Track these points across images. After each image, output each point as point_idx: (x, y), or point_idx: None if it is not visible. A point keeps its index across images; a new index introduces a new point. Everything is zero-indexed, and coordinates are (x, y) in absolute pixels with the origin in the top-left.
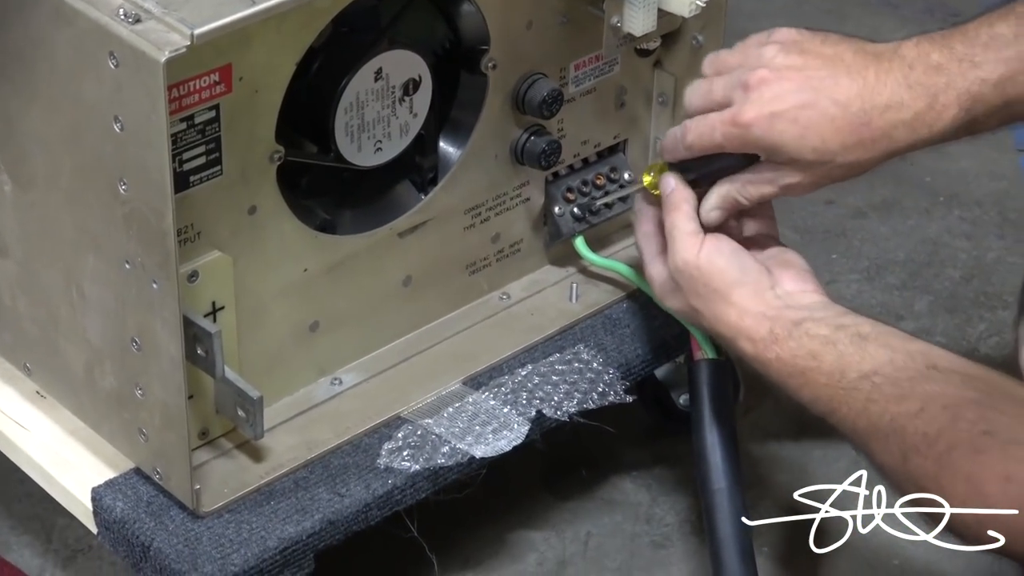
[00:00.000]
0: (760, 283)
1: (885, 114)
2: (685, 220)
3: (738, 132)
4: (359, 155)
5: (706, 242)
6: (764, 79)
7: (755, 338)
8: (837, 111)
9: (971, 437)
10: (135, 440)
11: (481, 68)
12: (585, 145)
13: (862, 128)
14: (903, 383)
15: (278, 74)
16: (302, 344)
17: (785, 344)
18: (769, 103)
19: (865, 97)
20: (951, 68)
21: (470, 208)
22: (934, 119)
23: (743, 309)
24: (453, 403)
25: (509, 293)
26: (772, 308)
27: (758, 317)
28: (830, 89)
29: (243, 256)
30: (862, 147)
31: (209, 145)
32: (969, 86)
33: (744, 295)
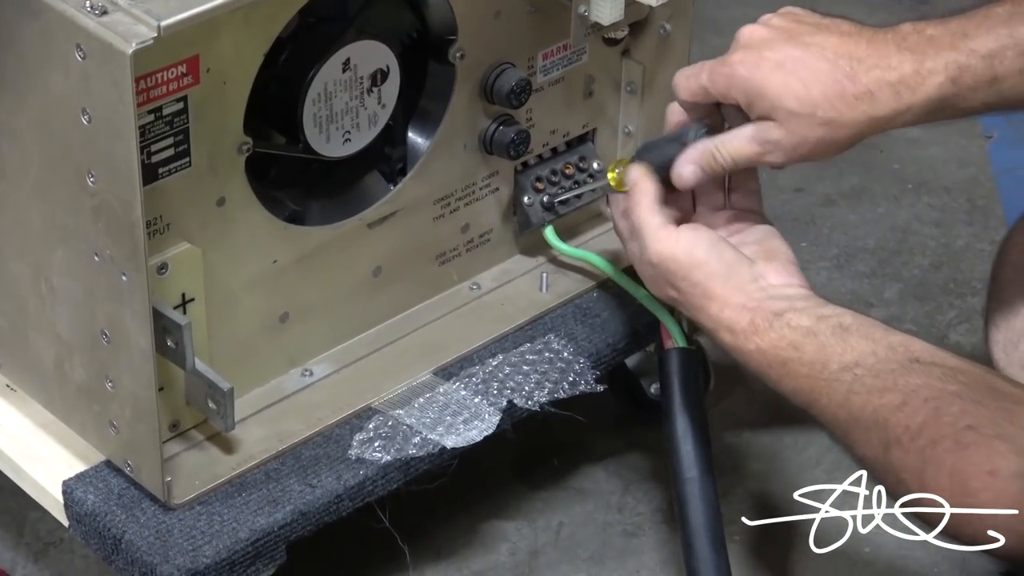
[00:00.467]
0: (741, 274)
1: (871, 72)
2: (649, 214)
3: (725, 71)
4: (328, 146)
5: (683, 233)
6: (755, 31)
7: (735, 329)
8: (824, 64)
9: (954, 431)
10: (106, 433)
11: (449, 58)
12: (554, 135)
13: (846, 81)
14: (885, 375)
15: (246, 65)
16: (272, 335)
17: (766, 335)
18: (757, 48)
19: (853, 55)
20: (943, 39)
21: (439, 198)
22: (919, 83)
23: (724, 301)
24: (424, 393)
25: (479, 283)
26: (753, 299)
27: (738, 308)
28: (820, 45)
29: (212, 248)
30: (844, 102)
31: (177, 137)
32: (957, 56)
33: (725, 287)
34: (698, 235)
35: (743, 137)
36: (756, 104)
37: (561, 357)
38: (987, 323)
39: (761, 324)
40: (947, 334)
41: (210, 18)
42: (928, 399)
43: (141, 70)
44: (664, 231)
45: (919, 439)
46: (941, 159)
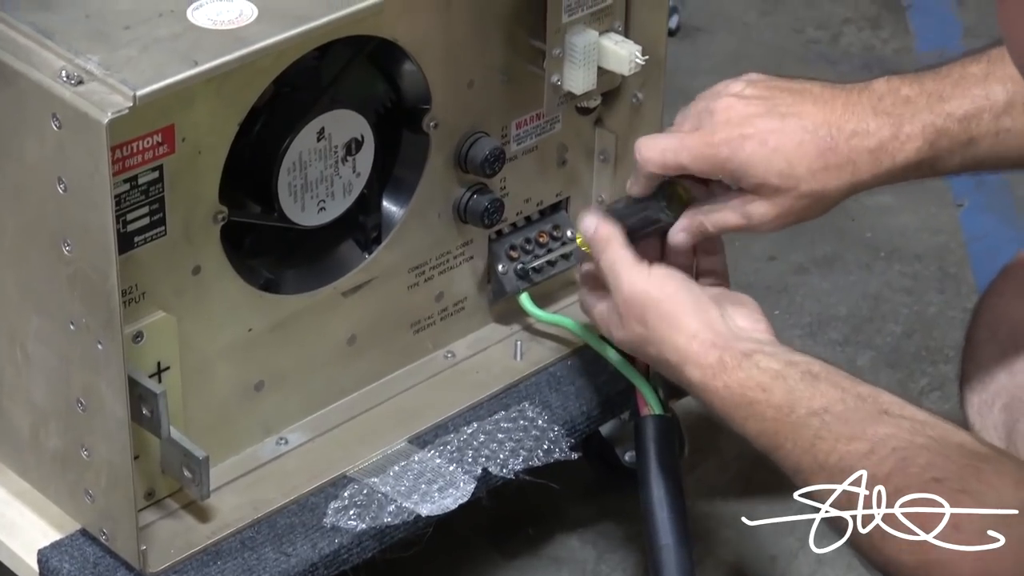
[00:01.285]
0: (711, 312)
1: (851, 140)
2: (621, 251)
3: (708, 153)
4: (302, 215)
5: (655, 269)
6: (731, 105)
7: (703, 364)
8: (804, 135)
9: (920, 482)
10: (81, 501)
11: (423, 127)
12: (528, 203)
13: (828, 153)
14: (854, 423)
15: (221, 134)
16: (247, 403)
17: (734, 374)
18: (738, 125)
19: (832, 123)
20: (919, 101)
21: (414, 267)
22: (897, 149)
23: (692, 334)
24: (399, 461)
25: (454, 351)
26: (722, 337)
27: (707, 344)
28: (797, 115)
29: (188, 316)
30: (827, 173)
31: (153, 206)
32: (935, 119)
33: (694, 321)
34: (670, 271)
35: (730, 209)
36: (741, 182)
37: (536, 425)
38: (962, 386)
39: (730, 362)
40: (920, 401)
41: (185, 87)
42: (896, 448)
43: (117, 139)
44: (637, 267)
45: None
46: (913, 227)
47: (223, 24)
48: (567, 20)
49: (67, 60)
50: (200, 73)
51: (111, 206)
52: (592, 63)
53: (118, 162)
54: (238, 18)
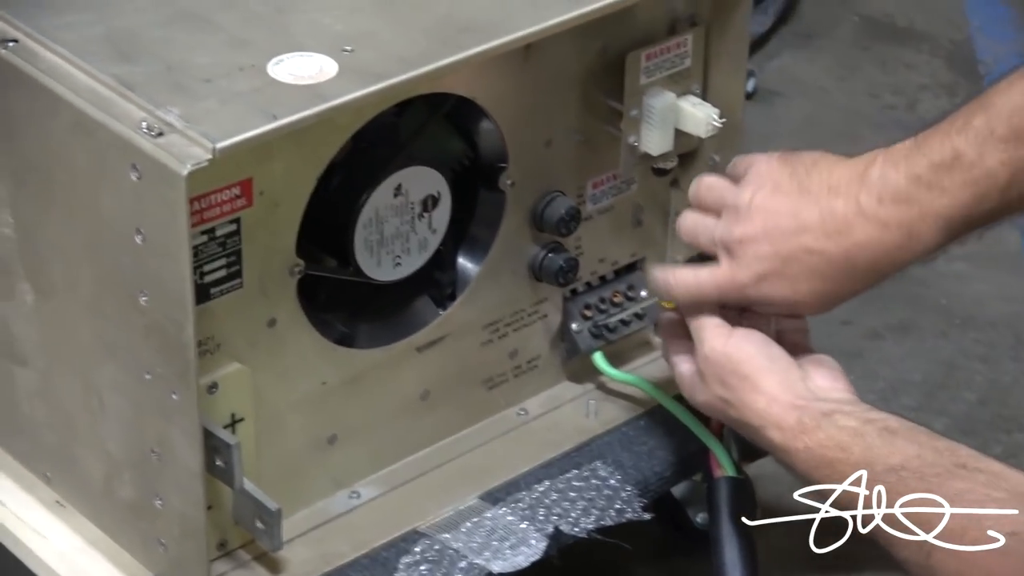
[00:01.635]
0: (790, 373)
1: (864, 253)
2: (708, 314)
3: (735, 292)
4: (378, 270)
5: (737, 331)
6: (743, 241)
7: (783, 427)
8: (820, 261)
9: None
10: (154, 550)
11: (500, 185)
12: (602, 263)
13: (849, 271)
14: (930, 478)
15: (298, 188)
16: (320, 456)
17: (814, 434)
18: (754, 264)
19: (842, 242)
20: (920, 196)
21: (488, 324)
22: (914, 246)
23: (772, 397)
24: (471, 518)
25: (527, 408)
26: (801, 398)
27: (787, 406)
28: (807, 242)
29: (262, 368)
30: (852, 283)
31: (230, 258)
32: (939, 210)
33: (773, 383)
34: (749, 333)
35: None
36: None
37: (608, 484)
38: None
39: (809, 423)
40: None
41: (264, 142)
42: (972, 503)
43: (195, 191)
44: (720, 328)
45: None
46: (987, 295)
47: (303, 79)
48: (645, 82)
49: (148, 112)
50: (279, 127)
51: (188, 257)
52: (669, 125)
53: (196, 214)
54: (318, 74)
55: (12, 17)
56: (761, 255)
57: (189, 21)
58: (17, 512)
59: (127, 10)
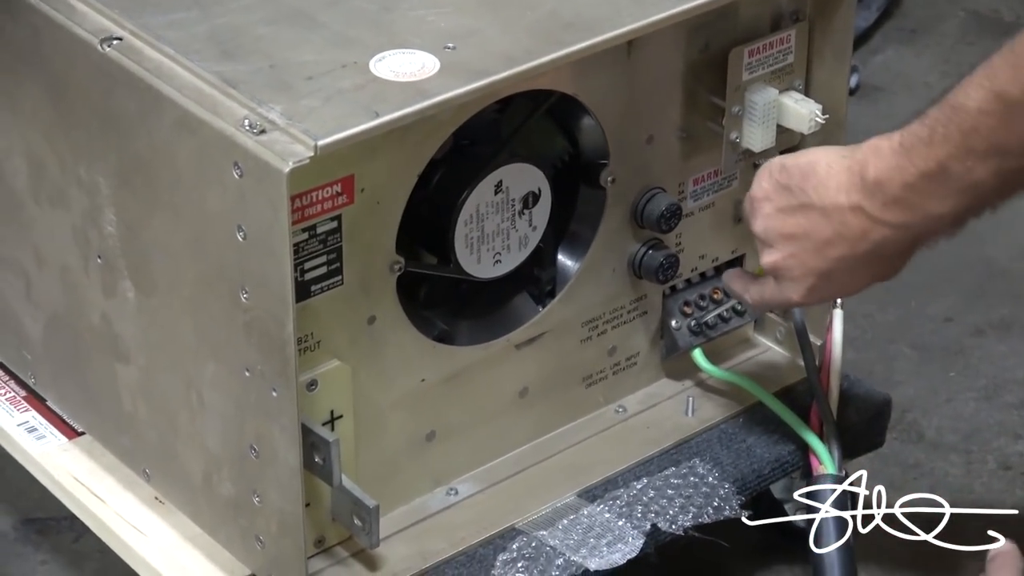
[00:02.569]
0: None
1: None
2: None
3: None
4: (478, 267)
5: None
6: (777, 268)
7: None
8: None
9: None
10: (252, 547)
11: (600, 182)
12: (703, 259)
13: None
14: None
15: (400, 186)
16: (418, 454)
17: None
18: (799, 284)
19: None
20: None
21: (587, 321)
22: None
23: None
24: (568, 515)
25: (625, 406)
26: None
27: None
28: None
29: (361, 365)
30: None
31: (330, 255)
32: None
33: None
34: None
35: None
36: None
37: (706, 482)
38: None
39: None
40: None
41: (365, 139)
42: None
43: (297, 188)
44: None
45: None
46: None
47: (405, 76)
48: (747, 78)
49: (250, 109)
50: (381, 125)
51: (289, 255)
52: (772, 121)
53: (297, 211)
54: (420, 71)
55: (117, 15)
56: (799, 276)
57: (293, 19)
58: (117, 509)
59: (231, 8)
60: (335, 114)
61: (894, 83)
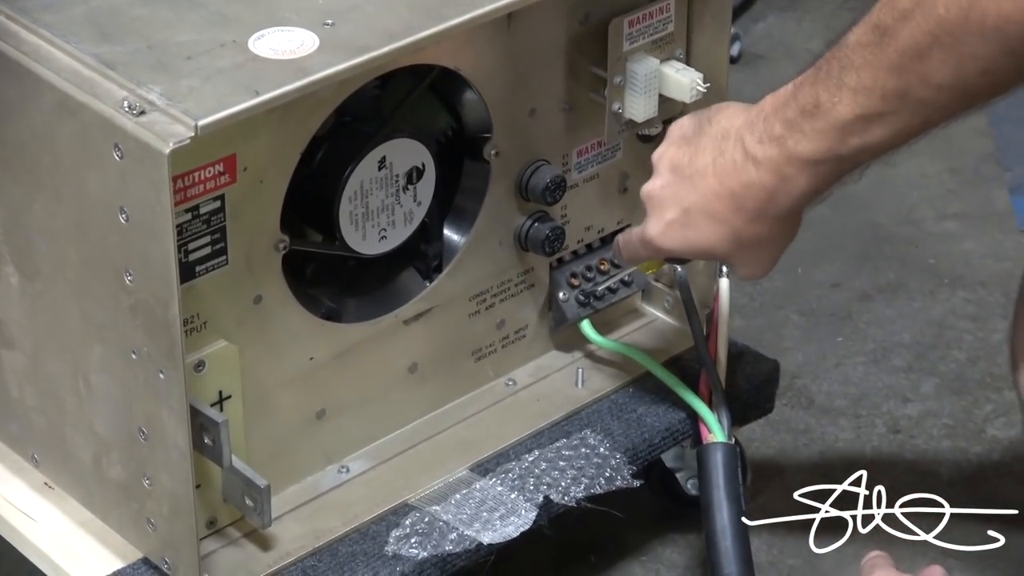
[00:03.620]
0: None
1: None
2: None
3: (652, 246)
4: (364, 243)
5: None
6: (651, 195)
7: None
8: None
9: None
10: (143, 530)
11: (484, 155)
12: (589, 231)
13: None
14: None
15: (282, 164)
16: (309, 432)
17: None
18: (663, 215)
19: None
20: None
21: (475, 295)
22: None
23: None
24: (460, 489)
25: (515, 379)
26: None
27: None
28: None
29: (249, 345)
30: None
31: (214, 235)
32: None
33: None
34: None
35: None
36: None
37: (597, 452)
38: (1013, 370)
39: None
40: (984, 428)
41: (247, 117)
42: None
43: (178, 169)
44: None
45: None
46: (977, 253)
47: (284, 54)
48: (628, 48)
49: (129, 91)
50: (261, 103)
51: (173, 236)
52: (653, 91)
53: (180, 192)
54: (299, 48)
55: None
56: (666, 206)
57: None
58: (6, 495)
59: None
60: (215, 93)
61: (776, 51)
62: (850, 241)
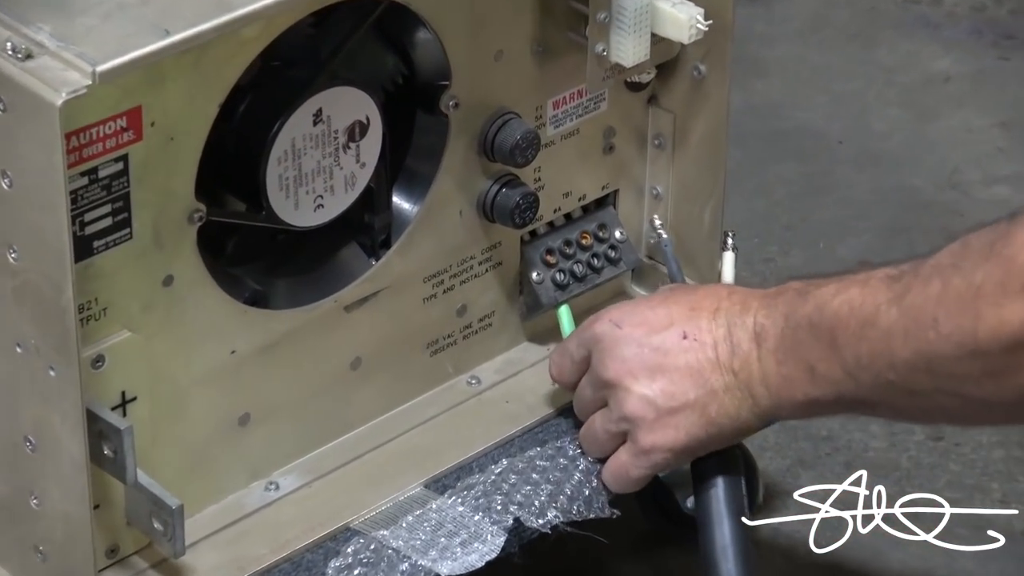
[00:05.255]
0: None
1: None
2: None
3: None
4: (296, 214)
5: None
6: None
7: None
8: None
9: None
10: (30, 560)
11: (441, 107)
12: (567, 198)
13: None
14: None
15: (197, 118)
16: (230, 441)
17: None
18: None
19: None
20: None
21: (430, 275)
22: None
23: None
24: (413, 510)
25: (479, 376)
26: None
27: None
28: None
29: (158, 336)
30: None
31: (116, 204)
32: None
33: None
34: None
35: None
36: None
37: (577, 466)
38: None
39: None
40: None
41: (154, 63)
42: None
43: (73, 124)
44: None
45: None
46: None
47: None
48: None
49: (13, 31)
50: (172, 45)
51: (66, 205)
52: (645, 29)
53: (74, 151)
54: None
55: None
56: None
57: None
58: None
59: None
60: (117, 34)
61: None
62: (881, 209)
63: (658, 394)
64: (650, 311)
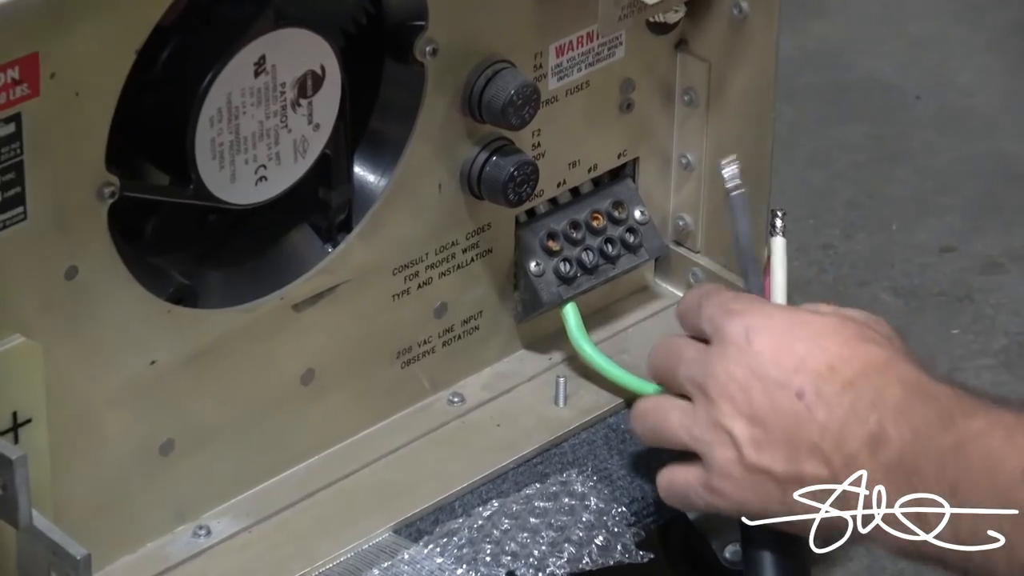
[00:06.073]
0: None
1: None
2: None
3: None
4: (232, 188)
5: None
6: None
7: None
8: None
9: None
10: None
11: (415, 55)
12: (574, 168)
13: None
14: None
15: (109, 69)
16: (150, 474)
17: None
18: None
19: None
20: None
21: (401, 266)
22: None
23: None
24: (380, 562)
25: (463, 394)
26: None
27: None
28: None
29: (60, 343)
30: None
31: (6, 176)
32: None
33: None
34: None
35: None
36: None
37: (587, 505)
38: None
39: None
40: None
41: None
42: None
43: None
44: None
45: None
46: None
47: None
48: None
49: None
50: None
51: None
52: None
53: None
54: None
55: None
56: None
57: None
58: None
59: None
60: None
61: None
62: (970, 183)
63: (747, 443)
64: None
